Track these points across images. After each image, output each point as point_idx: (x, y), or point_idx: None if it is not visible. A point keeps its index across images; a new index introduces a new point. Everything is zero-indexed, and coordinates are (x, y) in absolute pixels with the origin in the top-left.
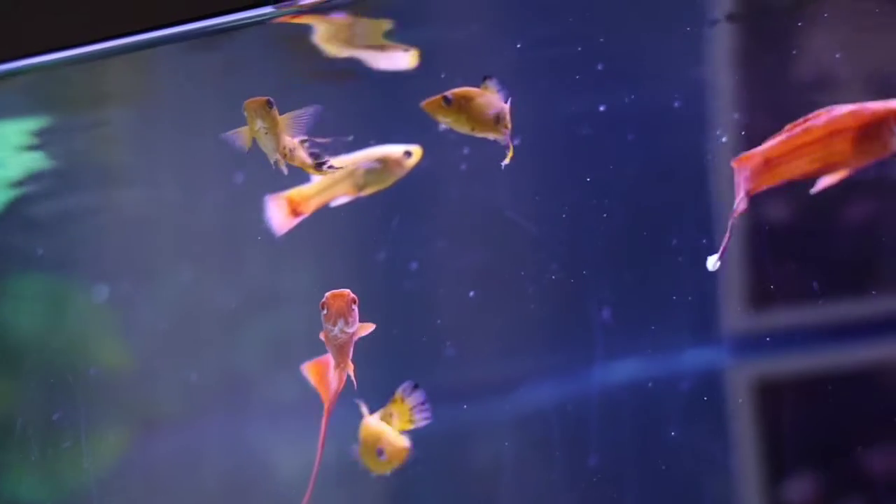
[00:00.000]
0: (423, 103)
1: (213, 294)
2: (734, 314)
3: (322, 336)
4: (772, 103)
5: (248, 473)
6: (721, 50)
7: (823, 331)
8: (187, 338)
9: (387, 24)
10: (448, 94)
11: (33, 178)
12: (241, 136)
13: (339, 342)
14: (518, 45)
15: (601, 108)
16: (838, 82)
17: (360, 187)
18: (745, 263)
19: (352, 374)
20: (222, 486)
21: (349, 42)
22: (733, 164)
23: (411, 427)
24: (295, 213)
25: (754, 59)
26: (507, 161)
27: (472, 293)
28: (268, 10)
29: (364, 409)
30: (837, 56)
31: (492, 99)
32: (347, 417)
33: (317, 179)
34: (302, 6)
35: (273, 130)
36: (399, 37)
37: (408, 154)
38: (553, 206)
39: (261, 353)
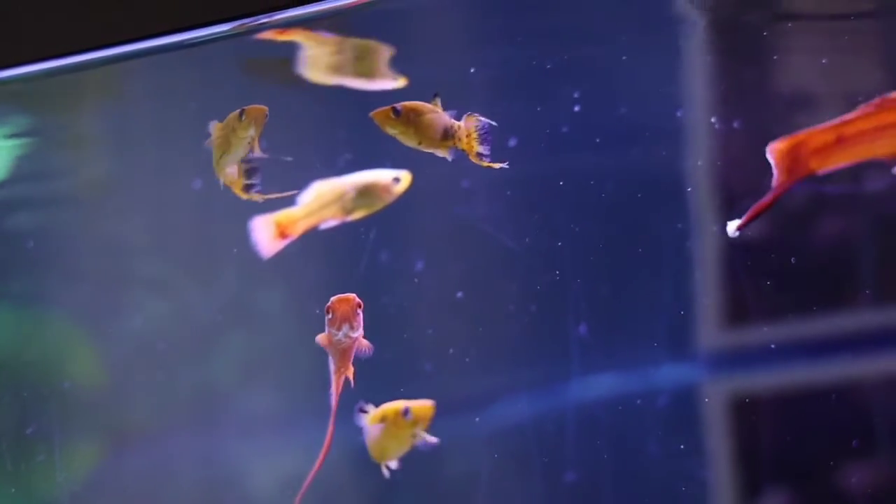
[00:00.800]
0: (373, 113)
1: (187, 309)
2: (709, 330)
3: (321, 340)
4: (748, 120)
5: (221, 488)
6: (697, 66)
7: (798, 347)
8: (160, 352)
9: (377, 47)
10: (398, 105)
11: (5, 189)
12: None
13: (343, 347)
14: (494, 62)
15: (578, 125)
16: (814, 99)
17: (349, 211)
18: (719, 280)
19: (351, 378)
20: (195, 500)
21: (336, 68)
22: (773, 148)
23: None
24: (283, 235)
25: (730, 75)
26: (496, 165)
27: (448, 308)
28: (246, 22)
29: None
30: (813, 72)
31: (442, 115)
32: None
33: (305, 201)
34: (275, 21)
35: (254, 141)
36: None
37: (396, 180)
38: (529, 221)
39: (234, 367)
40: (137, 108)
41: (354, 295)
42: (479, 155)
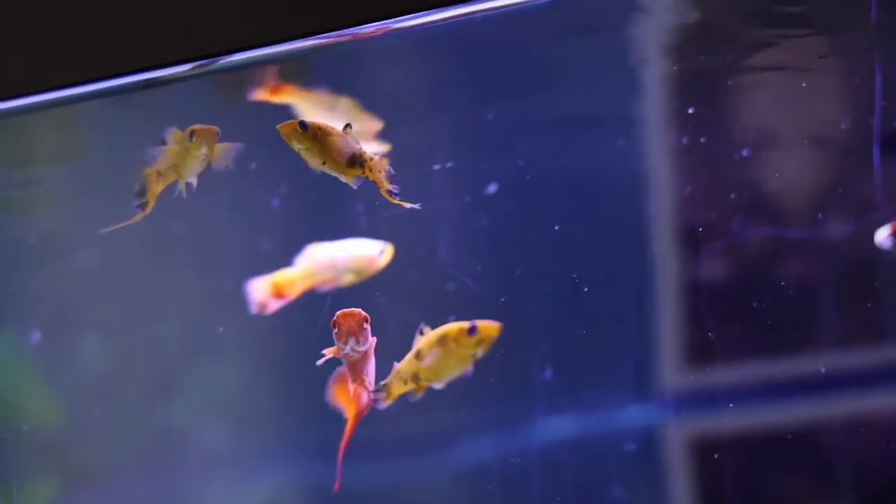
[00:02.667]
0: (280, 126)
1: (144, 349)
2: (672, 372)
3: (330, 352)
4: (713, 160)
5: None
6: (660, 108)
7: (758, 389)
8: (117, 393)
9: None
10: (305, 121)
11: None
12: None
13: (352, 360)
14: (460, 102)
15: (542, 169)
16: (774, 139)
17: (339, 278)
18: (682, 322)
19: (368, 388)
20: None
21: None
22: None
23: None
24: (279, 296)
25: (695, 116)
26: (398, 202)
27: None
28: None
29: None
30: (775, 112)
31: (350, 141)
32: None
33: (301, 265)
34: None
35: (206, 160)
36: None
37: (381, 252)
38: (493, 263)
39: (192, 408)
40: (90, 148)
41: (360, 310)
42: (390, 192)
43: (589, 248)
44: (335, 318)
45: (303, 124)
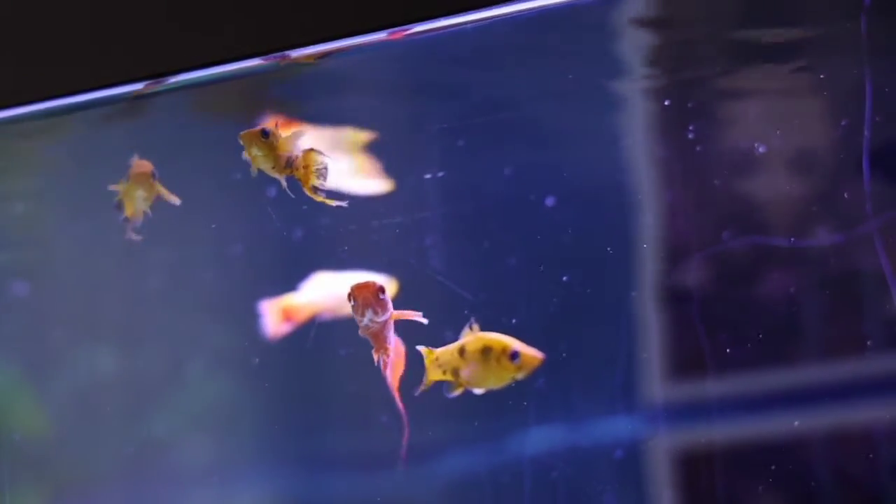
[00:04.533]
0: (242, 133)
1: (130, 362)
2: (656, 384)
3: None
4: (701, 171)
5: None
6: (643, 124)
7: (747, 401)
8: (104, 406)
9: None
10: (268, 128)
11: None
12: (119, 190)
13: (373, 331)
14: (446, 113)
15: (528, 182)
16: (764, 151)
17: (342, 308)
18: (666, 333)
19: (389, 356)
20: None
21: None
22: None
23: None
24: (288, 319)
25: (678, 130)
26: (331, 202)
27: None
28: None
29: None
30: (764, 123)
31: (292, 145)
32: None
33: (310, 291)
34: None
35: (149, 200)
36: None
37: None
38: (483, 273)
39: (178, 421)
40: (70, 167)
41: (374, 281)
42: (314, 188)
43: (577, 259)
44: (350, 290)
45: (265, 132)
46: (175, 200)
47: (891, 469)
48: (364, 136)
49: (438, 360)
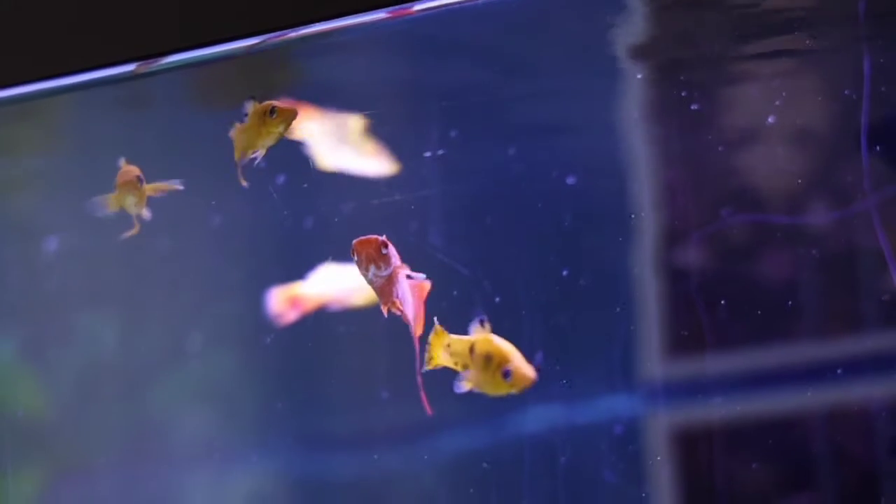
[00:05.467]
0: (253, 108)
1: (128, 341)
2: (654, 361)
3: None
4: (699, 149)
5: None
6: (639, 97)
7: (745, 378)
8: (102, 385)
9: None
10: (275, 105)
11: None
12: (107, 202)
13: (378, 285)
14: (438, 93)
15: (527, 156)
16: (762, 129)
17: (349, 299)
18: (664, 311)
19: (397, 308)
20: None
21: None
22: None
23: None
24: (296, 307)
25: (677, 108)
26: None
27: (403, 335)
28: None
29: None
30: (761, 102)
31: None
32: None
33: (320, 282)
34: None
35: (140, 204)
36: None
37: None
38: (482, 250)
39: (179, 399)
40: (67, 144)
41: (377, 236)
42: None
43: (576, 236)
44: (353, 246)
45: (273, 110)
46: (176, 187)
47: (888, 446)
48: (366, 120)
49: (451, 347)
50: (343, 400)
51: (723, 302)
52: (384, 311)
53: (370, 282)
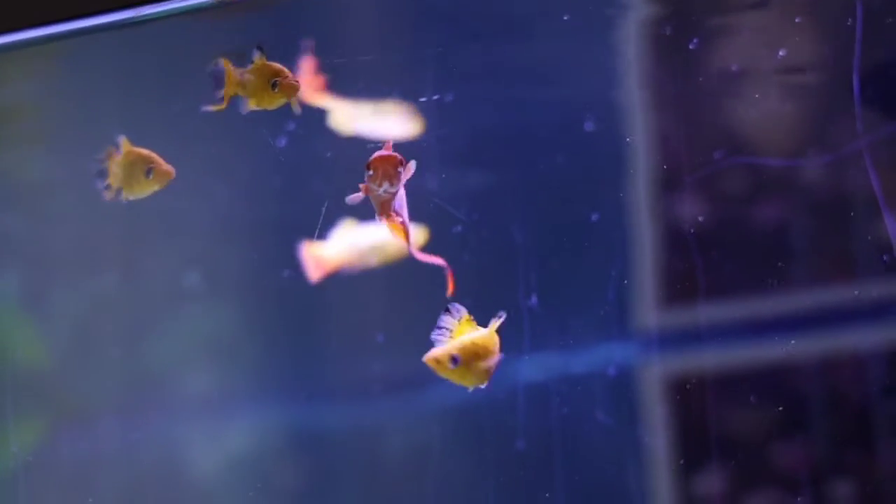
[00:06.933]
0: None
1: (128, 290)
2: (649, 310)
3: (362, 189)
4: (693, 96)
5: (166, 468)
6: (633, 46)
7: (736, 327)
8: (102, 334)
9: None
10: (276, 78)
11: None
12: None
13: (382, 200)
14: (436, 51)
15: (519, 107)
16: (756, 75)
17: (366, 258)
18: (658, 260)
19: (396, 223)
20: (138, 480)
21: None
22: None
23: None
24: (324, 266)
25: (670, 53)
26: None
27: (400, 280)
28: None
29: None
30: (755, 47)
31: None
32: None
33: (346, 240)
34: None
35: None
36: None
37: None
38: (477, 197)
39: (179, 349)
40: (65, 92)
41: (396, 154)
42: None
43: (571, 183)
44: (371, 160)
45: (275, 84)
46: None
47: (879, 392)
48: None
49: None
50: (342, 350)
51: (717, 249)
52: (379, 221)
53: (377, 196)
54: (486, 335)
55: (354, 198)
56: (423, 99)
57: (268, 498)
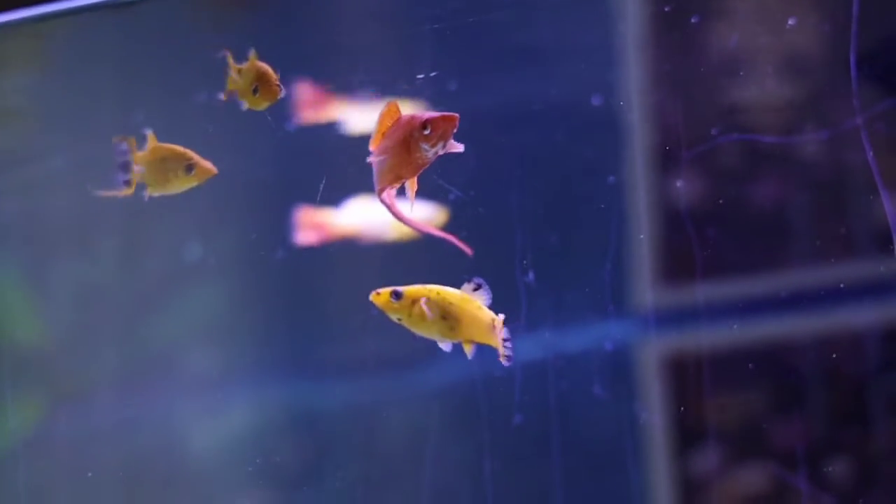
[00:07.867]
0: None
1: (126, 269)
2: (646, 287)
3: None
4: (691, 73)
5: (164, 445)
6: (632, 21)
7: (732, 305)
8: (101, 312)
9: None
10: (257, 83)
11: None
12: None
13: (423, 163)
14: (433, 28)
15: (518, 83)
16: (754, 52)
17: (378, 234)
18: (656, 240)
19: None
20: (136, 457)
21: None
22: None
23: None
24: (320, 232)
25: (667, 31)
26: None
27: (397, 255)
28: None
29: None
30: (753, 24)
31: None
32: None
33: (351, 213)
34: None
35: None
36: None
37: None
38: (475, 173)
39: (179, 327)
40: (61, 69)
41: (456, 115)
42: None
43: (568, 159)
44: (432, 119)
45: (255, 90)
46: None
47: (875, 369)
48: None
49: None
50: (341, 328)
51: (714, 225)
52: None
53: (421, 158)
54: (453, 292)
55: (376, 160)
56: (420, 76)
57: (266, 474)
